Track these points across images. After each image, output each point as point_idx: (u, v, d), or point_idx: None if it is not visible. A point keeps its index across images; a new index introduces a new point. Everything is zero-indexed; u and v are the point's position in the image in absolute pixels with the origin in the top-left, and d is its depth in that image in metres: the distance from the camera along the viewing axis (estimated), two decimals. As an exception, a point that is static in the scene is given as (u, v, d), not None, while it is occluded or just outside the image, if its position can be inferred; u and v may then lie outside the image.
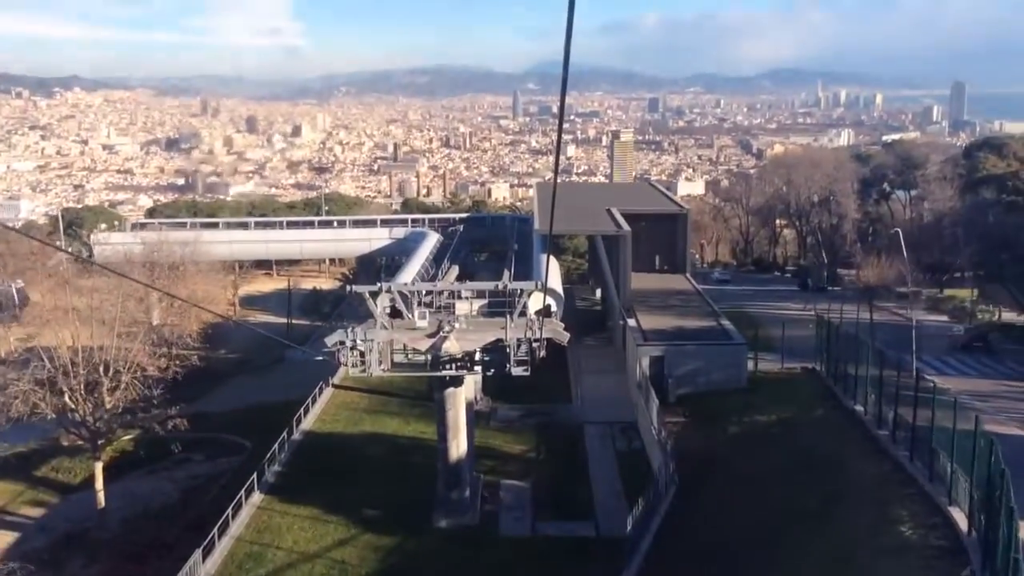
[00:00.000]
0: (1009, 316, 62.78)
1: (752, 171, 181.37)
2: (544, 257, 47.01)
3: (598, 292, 71.88)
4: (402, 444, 42.02)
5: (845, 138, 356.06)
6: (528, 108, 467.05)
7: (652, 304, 53.63)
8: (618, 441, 41.90)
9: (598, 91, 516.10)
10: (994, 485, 16.50)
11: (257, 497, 35.17)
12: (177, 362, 42.82)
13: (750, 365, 44.76)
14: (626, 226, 55.42)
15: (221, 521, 31.30)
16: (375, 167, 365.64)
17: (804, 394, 39.67)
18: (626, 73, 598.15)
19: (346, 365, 32.21)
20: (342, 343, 31.05)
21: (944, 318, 63.52)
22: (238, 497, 33.43)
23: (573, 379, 51.21)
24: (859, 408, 33.54)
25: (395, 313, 32.01)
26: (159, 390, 38.94)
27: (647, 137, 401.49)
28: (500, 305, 32.49)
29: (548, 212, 56.09)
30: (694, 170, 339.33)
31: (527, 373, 31.44)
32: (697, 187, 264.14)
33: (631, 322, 49.28)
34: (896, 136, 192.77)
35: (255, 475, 35.57)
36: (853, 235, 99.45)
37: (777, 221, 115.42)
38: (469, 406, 35.93)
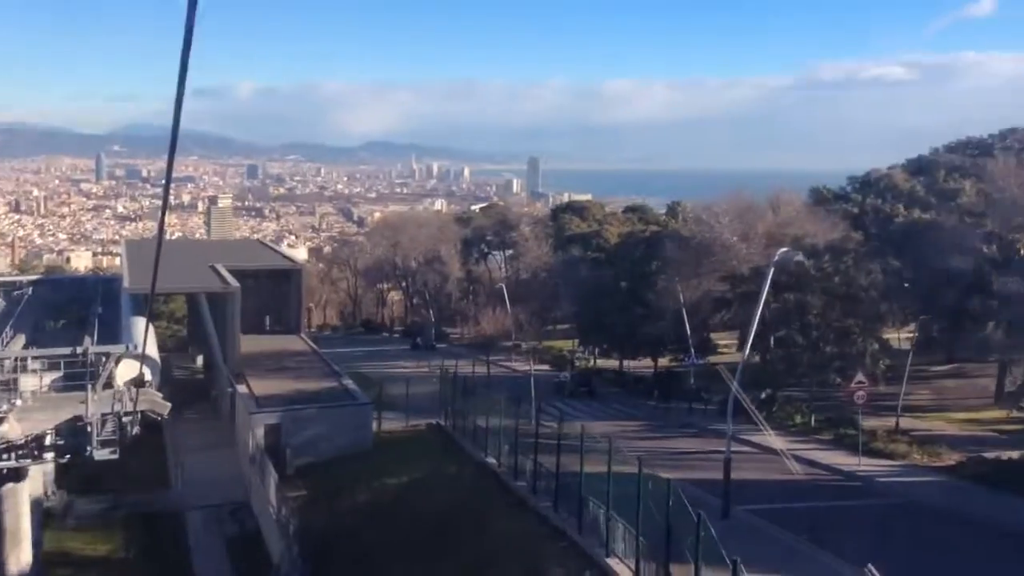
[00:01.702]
0: (603, 362, 68.05)
1: (355, 237, 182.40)
2: (135, 320, 40.44)
3: (199, 359, 64.78)
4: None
5: (440, 206, 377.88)
6: (114, 171, 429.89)
7: (265, 367, 48.76)
8: (228, 526, 36.33)
9: (192, 156, 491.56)
10: (679, 532, 15.11)
11: None
12: None
13: (374, 425, 42.31)
14: (235, 282, 50.24)
15: None
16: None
17: (432, 451, 37.92)
18: (221, 138, 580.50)
19: None
20: None
21: (546, 367, 66.92)
22: None
23: (172, 459, 44.27)
24: (491, 460, 32.38)
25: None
26: None
27: (247, 203, 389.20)
28: (82, 376, 26.09)
29: (139, 270, 48.97)
30: (296, 236, 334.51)
31: (115, 456, 25.46)
32: (300, 253, 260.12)
33: (241, 388, 44.09)
34: (484, 204, 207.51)
35: None
36: (457, 293, 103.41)
37: (384, 283, 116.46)
38: (36, 504, 28.48)
